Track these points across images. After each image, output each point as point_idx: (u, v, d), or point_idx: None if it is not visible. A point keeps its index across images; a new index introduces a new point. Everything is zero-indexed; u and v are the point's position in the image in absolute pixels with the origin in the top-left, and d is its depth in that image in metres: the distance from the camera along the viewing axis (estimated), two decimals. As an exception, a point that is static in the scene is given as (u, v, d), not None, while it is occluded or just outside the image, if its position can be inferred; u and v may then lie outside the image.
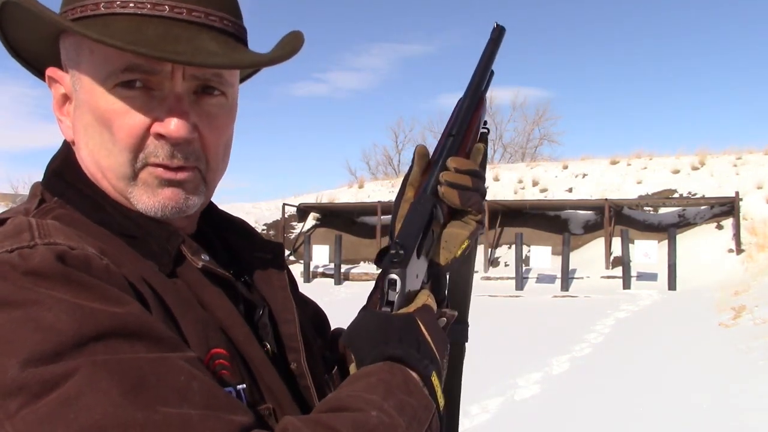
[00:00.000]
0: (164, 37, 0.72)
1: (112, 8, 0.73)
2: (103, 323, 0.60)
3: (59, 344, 0.58)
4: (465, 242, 0.93)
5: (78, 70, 0.76)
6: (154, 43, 0.71)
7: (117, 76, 0.73)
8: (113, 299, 0.63)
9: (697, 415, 5.92)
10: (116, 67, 0.73)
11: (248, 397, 0.74)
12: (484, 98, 1.04)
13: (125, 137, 0.74)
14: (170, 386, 0.59)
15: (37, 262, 0.62)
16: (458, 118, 0.98)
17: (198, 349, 0.70)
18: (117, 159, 0.76)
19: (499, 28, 1.10)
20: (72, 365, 0.57)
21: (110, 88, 0.74)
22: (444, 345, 0.79)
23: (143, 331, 0.62)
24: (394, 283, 0.80)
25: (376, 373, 0.70)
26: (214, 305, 0.77)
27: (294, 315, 0.86)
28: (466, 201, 0.91)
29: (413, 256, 0.83)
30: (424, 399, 0.71)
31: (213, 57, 0.74)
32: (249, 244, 0.91)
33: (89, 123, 0.76)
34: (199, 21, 0.75)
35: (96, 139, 0.76)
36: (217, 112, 0.79)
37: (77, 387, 0.56)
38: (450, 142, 0.96)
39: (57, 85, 0.80)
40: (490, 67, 1.07)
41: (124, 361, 0.59)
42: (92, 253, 0.66)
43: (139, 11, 0.73)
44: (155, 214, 0.77)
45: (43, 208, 0.76)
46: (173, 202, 0.77)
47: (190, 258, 0.78)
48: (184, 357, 0.64)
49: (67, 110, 0.80)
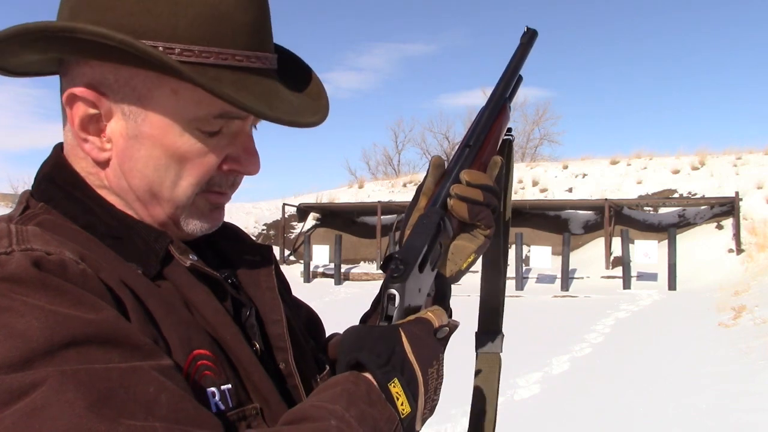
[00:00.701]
0: (269, 95, 0.77)
1: (220, 59, 0.75)
2: (76, 330, 0.60)
3: (29, 351, 0.58)
4: (471, 256, 0.93)
5: (142, 105, 0.76)
6: (266, 102, 0.76)
7: (208, 122, 0.77)
8: (88, 305, 0.63)
9: (697, 415, 5.91)
10: (208, 113, 0.76)
11: (234, 397, 0.74)
12: (508, 106, 1.02)
13: (198, 174, 0.79)
14: (137, 398, 0.59)
15: (12, 268, 0.62)
16: (477, 128, 0.97)
17: (179, 351, 0.70)
18: (184, 192, 0.79)
19: (531, 31, 1.08)
20: (41, 374, 0.57)
21: (192, 129, 0.76)
22: (432, 355, 0.78)
23: (117, 338, 0.62)
24: (393, 298, 0.80)
25: (342, 383, 0.70)
26: (201, 305, 0.77)
27: (281, 315, 0.86)
28: (475, 215, 0.91)
29: (415, 271, 0.82)
30: (387, 410, 0.70)
31: (310, 117, 0.81)
32: (237, 247, 0.91)
33: (156, 157, 0.77)
34: (268, 68, 0.80)
35: (161, 172, 0.78)
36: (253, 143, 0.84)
37: (44, 397, 0.56)
38: (466, 153, 0.95)
39: (81, 105, 0.77)
40: (517, 73, 1.05)
41: (92, 372, 0.58)
42: (69, 258, 0.66)
43: (237, 64, 0.76)
44: (201, 233, 0.83)
45: (27, 214, 0.76)
46: (217, 222, 0.85)
47: (178, 257, 0.79)
48: (158, 366, 0.63)
49: (96, 130, 0.78)
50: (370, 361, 0.72)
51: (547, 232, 21.39)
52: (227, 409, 0.72)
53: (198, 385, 0.70)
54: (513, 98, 1.04)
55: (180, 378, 0.66)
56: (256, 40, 0.77)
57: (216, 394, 0.72)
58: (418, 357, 0.76)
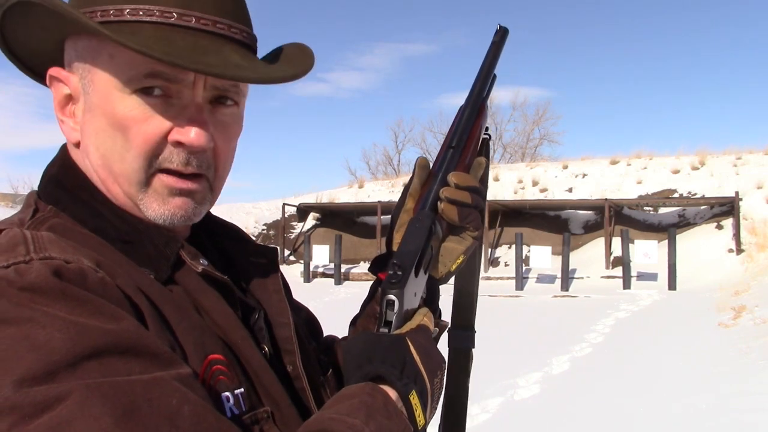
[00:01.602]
0: (194, 49, 0.73)
1: (137, 16, 0.74)
2: (97, 341, 0.60)
3: (52, 364, 0.58)
4: (460, 257, 0.94)
5: (92, 73, 0.76)
6: (186, 54, 0.72)
7: (139, 81, 0.74)
8: (108, 315, 0.63)
9: (696, 415, 5.91)
10: (138, 72, 0.73)
11: (247, 401, 0.74)
12: (485, 105, 1.03)
13: (142, 143, 0.75)
14: (161, 411, 0.59)
15: (33, 278, 0.62)
16: (458, 129, 0.98)
17: (195, 357, 0.70)
18: (131, 165, 0.76)
19: (502, 30, 1.08)
20: (65, 387, 0.57)
21: (129, 93, 0.74)
22: (436, 365, 0.79)
23: (138, 348, 0.62)
24: (392, 304, 0.81)
25: (358, 395, 0.71)
26: (212, 310, 0.77)
27: (289, 318, 0.86)
28: (464, 218, 0.92)
29: (412, 275, 0.83)
30: (403, 423, 0.71)
31: (242, 71, 0.75)
32: (243, 249, 0.91)
33: (102, 127, 0.76)
34: (223, 33, 0.77)
35: (108, 143, 0.76)
36: (229, 122, 0.80)
37: (69, 411, 0.56)
38: (450, 155, 0.96)
39: (60, 84, 0.80)
40: (492, 72, 1.06)
41: (116, 385, 0.58)
42: (88, 267, 0.66)
43: (166, 21, 0.74)
44: (164, 222, 0.78)
45: (38, 218, 0.76)
46: (182, 211, 0.78)
47: (190, 263, 0.78)
48: (178, 375, 0.63)
49: (70, 111, 0.80)
50: (390, 374, 0.73)
51: (547, 232, 21.38)
52: (241, 413, 0.73)
53: (213, 390, 0.70)
54: (488, 97, 1.05)
55: (199, 387, 0.66)
56: (198, 3, 0.76)
57: (230, 398, 0.72)
58: (426, 367, 0.77)
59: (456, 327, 1.11)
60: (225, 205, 26.23)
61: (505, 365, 8.00)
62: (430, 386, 0.77)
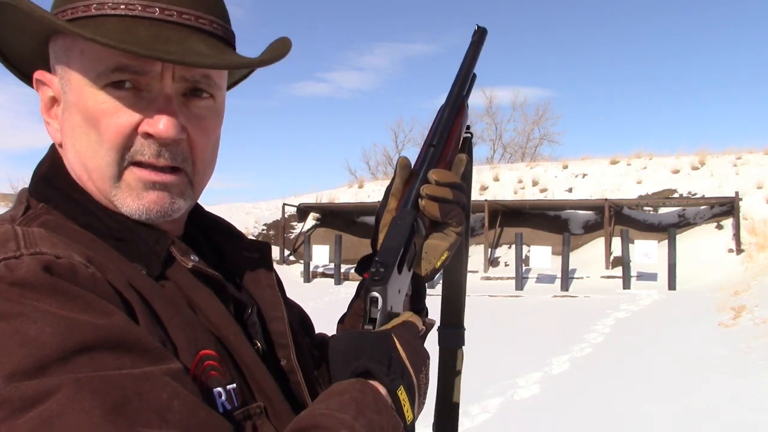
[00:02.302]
0: (155, 38, 0.73)
1: (103, 10, 0.74)
2: (88, 335, 0.60)
3: (43, 358, 0.58)
4: (445, 254, 0.94)
5: (67, 72, 0.77)
6: (145, 43, 0.72)
7: (107, 76, 0.74)
8: (98, 310, 0.63)
9: (696, 415, 5.91)
10: (106, 66, 0.74)
11: (239, 396, 0.74)
12: (465, 104, 1.04)
13: (113, 136, 0.75)
14: (151, 405, 0.59)
15: (23, 273, 0.62)
16: (438, 127, 0.99)
17: (186, 352, 0.70)
18: (103, 159, 0.76)
19: (481, 30, 1.10)
20: (55, 382, 0.57)
21: (99, 88, 0.74)
22: (421, 360, 0.79)
23: (128, 343, 0.62)
24: (375, 301, 0.82)
25: (348, 391, 0.71)
26: (204, 306, 0.77)
27: (283, 312, 0.87)
28: (446, 214, 0.92)
29: (394, 273, 0.84)
30: (393, 418, 0.72)
31: (203, 58, 0.75)
32: (236, 244, 0.91)
33: (77, 124, 0.77)
34: (189, 24, 0.77)
35: (83, 139, 0.77)
36: (205, 114, 0.80)
37: (59, 405, 0.56)
38: (431, 153, 0.97)
39: (45, 87, 0.81)
40: (471, 72, 1.07)
41: (107, 379, 0.59)
42: (78, 262, 0.66)
43: (130, 13, 0.74)
44: (139, 217, 0.77)
45: (29, 214, 0.76)
46: (158, 206, 0.77)
47: (180, 259, 0.78)
48: (169, 370, 0.63)
49: (54, 113, 0.81)
50: (378, 370, 0.73)
51: (547, 232, 21.38)
52: (233, 408, 0.73)
53: (205, 386, 0.71)
54: (469, 96, 1.06)
55: (190, 382, 0.66)
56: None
57: (222, 394, 0.72)
58: (412, 363, 0.77)
59: (445, 325, 1.11)
60: (225, 205, 26.26)
61: (505, 365, 8.00)
62: (417, 381, 0.77)
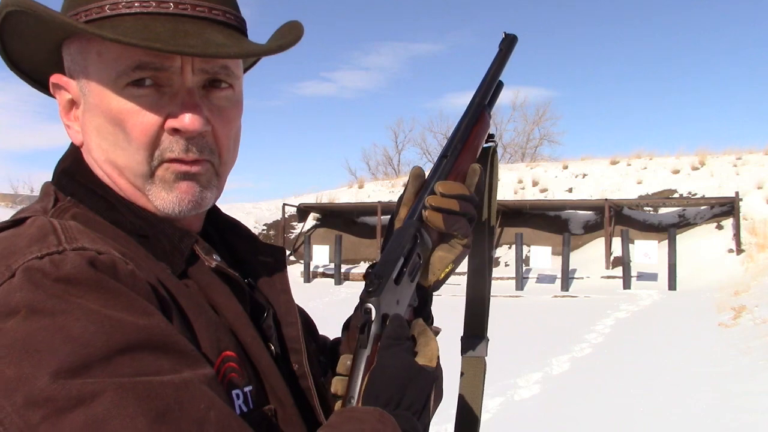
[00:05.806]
0: (174, 33, 0.73)
1: (117, 9, 0.74)
2: (130, 336, 0.61)
3: (87, 357, 0.58)
4: (449, 266, 0.94)
5: (86, 75, 0.77)
6: (165, 38, 0.72)
7: (128, 75, 0.74)
8: (140, 309, 0.63)
9: (697, 415, 5.91)
10: (126, 66, 0.74)
11: (255, 398, 0.74)
12: (486, 113, 1.02)
13: (140, 135, 0.75)
14: (190, 416, 0.60)
15: (68, 269, 0.62)
16: (454, 137, 0.98)
17: (210, 353, 0.71)
18: (134, 157, 0.76)
19: (510, 37, 1.07)
20: (100, 385, 0.57)
21: (121, 88, 0.75)
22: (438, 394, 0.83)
23: (167, 345, 0.63)
24: (369, 312, 0.82)
25: (368, 420, 0.71)
26: (223, 307, 0.77)
27: (296, 318, 0.87)
28: (450, 225, 0.92)
29: (390, 284, 0.84)
30: None
31: (223, 48, 0.75)
32: (251, 247, 0.91)
33: (101, 125, 0.77)
34: (204, 15, 0.77)
35: (110, 139, 0.77)
36: (226, 105, 0.81)
37: (105, 410, 0.56)
38: (444, 164, 0.96)
39: (62, 91, 0.81)
40: (496, 81, 1.04)
41: (149, 386, 0.59)
42: (118, 258, 0.67)
43: (145, 10, 0.75)
44: (173, 209, 0.78)
45: (60, 207, 0.76)
46: (189, 196, 0.78)
47: (204, 257, 0.79)
48: (204, 377, 0.64)
49: (74, 115, 0.81)
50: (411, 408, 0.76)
51: (547, 232, 21.38)
52: (249, 410, 0.73)
53: (224, 387, 0.71)
54: (493, 105, 1.04)
55: (221, 389, 0.67)
56: None
57: (240, 395, 0.73)
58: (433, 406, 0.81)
59: (468, 336, 1.10)
60: (225, 205, 26.14)
61: (505, 365, 8.00)
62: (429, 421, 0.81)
